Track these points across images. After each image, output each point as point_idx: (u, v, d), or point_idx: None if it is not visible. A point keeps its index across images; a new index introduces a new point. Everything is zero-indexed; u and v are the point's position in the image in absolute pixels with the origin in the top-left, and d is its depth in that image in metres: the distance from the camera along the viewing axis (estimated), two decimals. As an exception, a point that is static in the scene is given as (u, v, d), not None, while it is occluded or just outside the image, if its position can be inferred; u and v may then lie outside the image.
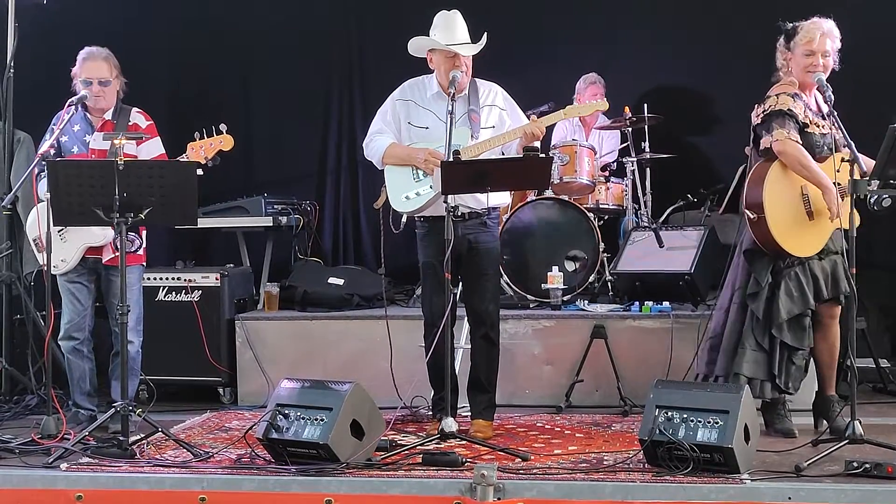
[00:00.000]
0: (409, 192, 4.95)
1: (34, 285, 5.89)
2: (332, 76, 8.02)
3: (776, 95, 4.82)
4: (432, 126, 4.97)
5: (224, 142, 4.99)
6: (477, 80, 5.11)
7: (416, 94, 5.08)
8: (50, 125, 5.27)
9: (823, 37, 4.81)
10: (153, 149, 5.24)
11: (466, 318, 5.26)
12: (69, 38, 5.29)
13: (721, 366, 4.90)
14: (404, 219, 5.06)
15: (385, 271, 5.74)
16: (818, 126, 4.80)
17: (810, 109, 4.83)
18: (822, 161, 4.74)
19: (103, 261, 5.21)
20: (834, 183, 4.65)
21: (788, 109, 4.74)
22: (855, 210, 4.46)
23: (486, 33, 5.00)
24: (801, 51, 4.82)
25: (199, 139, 4.97)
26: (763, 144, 4.82)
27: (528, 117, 5.17)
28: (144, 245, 5.35)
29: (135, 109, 5.34)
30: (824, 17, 4.86)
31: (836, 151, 4.66)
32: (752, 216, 4.77)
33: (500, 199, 5.21)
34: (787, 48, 4.89)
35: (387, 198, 5.12)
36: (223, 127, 4.96)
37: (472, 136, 4.95)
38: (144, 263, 5.41)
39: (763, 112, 4.81)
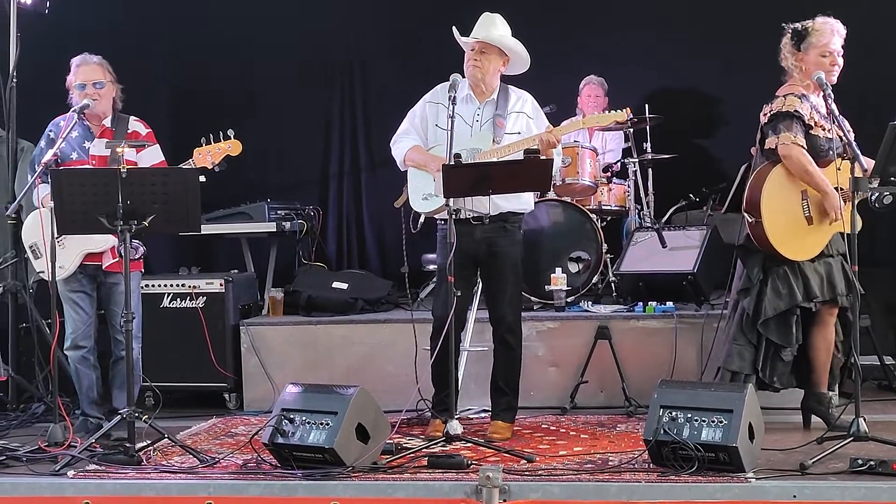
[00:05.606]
0: (427, 193, 4.99)
1: (33, 293, 5.90)
2: (334, 81, 8.06)
3: (784, 96, 4.79)
4: (457, 130, 4.85)
5: (232, 147, 4.98)
6: (510, 87, 5.15)
7: (446, 98, 4.98)
8: (45, 133, 5.26)
9: (835, 35, 4.78)
10: (153, 156, 5.22)
11: (471, 322, 5.28)
12: (72, 48, 5.30)
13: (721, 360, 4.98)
14: (422, 219, 5.10)
15: (408, 269, 5.74)
16: (823, 129, 4.75)
17: (818, 111, 4.79)
18: (825, 164, 4.72)
19: (103, 266, 5.20)
20: (837, 188, 4.66)
21: (795, 111, 4.71)
22: (857, 214, 4.40)
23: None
24: (816, 52, 4.77)
25: (206, 144, 4.97)
26: (768, 145, 4.80)
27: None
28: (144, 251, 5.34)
29: (133, 118, 5.32)
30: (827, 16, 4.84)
31: (839, 157, 4.64)
32: (750, 220, 4.78)
33: (522, 204, 5.15)
34: (797, 49, 4.81)
35: (407, 197, 5.15)
36: (231, 132, 4.97)
37: (493, 140, 4.98)
38: (143, 270, 5.39)
39: (770, 112, 4.79)
